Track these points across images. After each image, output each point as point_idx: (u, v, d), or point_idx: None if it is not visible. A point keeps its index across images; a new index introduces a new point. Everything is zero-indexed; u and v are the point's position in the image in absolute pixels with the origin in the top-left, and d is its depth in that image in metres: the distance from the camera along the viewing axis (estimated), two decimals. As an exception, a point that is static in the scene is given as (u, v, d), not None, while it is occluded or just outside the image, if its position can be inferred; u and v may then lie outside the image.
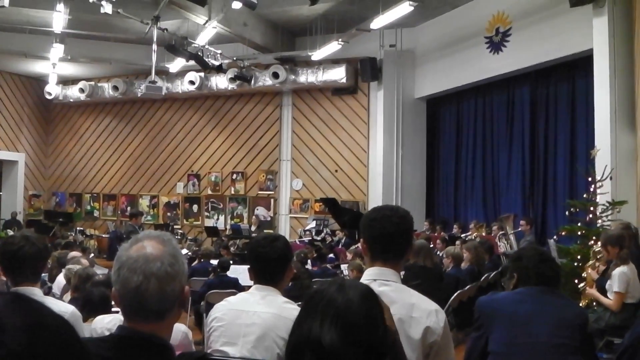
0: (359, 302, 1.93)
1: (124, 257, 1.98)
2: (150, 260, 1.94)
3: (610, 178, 9.32)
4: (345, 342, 1.84)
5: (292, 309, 3.24)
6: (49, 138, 23.59)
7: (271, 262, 3.41)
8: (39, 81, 22.14)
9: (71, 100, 21.86)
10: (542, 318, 3.53)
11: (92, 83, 21.14)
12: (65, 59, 17.56)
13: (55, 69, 18.34)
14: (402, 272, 7.95)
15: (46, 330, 1.21)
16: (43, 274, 7.30)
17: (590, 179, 9.37)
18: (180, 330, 3.62)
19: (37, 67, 20.32)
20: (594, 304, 6.87)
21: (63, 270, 7.13)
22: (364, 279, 2.89)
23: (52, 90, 21.09)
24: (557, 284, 3.79)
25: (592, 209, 9.08)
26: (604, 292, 6.61)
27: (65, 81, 21.43)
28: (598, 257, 7.19)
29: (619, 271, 6.38)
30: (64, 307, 3.70)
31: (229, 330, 3.29)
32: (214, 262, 10.39)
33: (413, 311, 2.76)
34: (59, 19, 14.15)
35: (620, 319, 6.28)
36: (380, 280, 2.84)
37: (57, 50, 16.00)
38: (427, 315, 2.76)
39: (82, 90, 21.12)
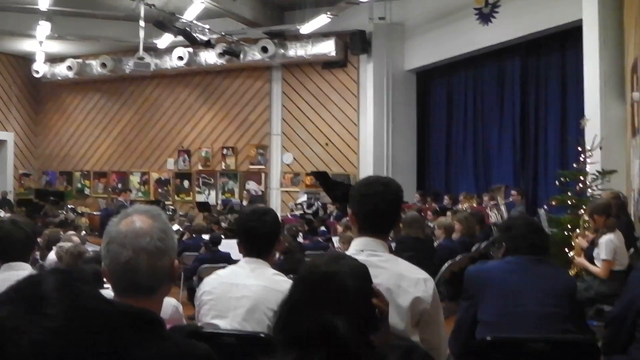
0: (356, 283, 1.97)
1: (113, 232, 1.98)
2: (139, 235, 1.95)
3: (600, 148, 9.33)
4: (352, 325, 1.86)
5: (282, 281, 3.25)
6: (38, 117, 23.48)
7: (260, 235, 3.41)
8: (27, 60, 21.94)
9: (59, 78, 21.74)
10: (532, 287, 3.54)
11: (80, 61, 21.00)
12: (53, 36, 17.42)
13: (43, 47, 18.22)
14: (393, 244, 8.02)
15: (88, 309, 1.39)
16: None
17: (580, 149, 9.39)
18: (170, 305, 3.63)
19: (24, 45, 20.16)
20: (584, 272, 6.92)
21: (54, 248, 7.12)
22: (352, 249, 2.90)
23: (40, 68, 20.92)
24: (546, 253, 3.80)
25: (582, 178, 9.11)
26: (592, 260, 6.65)
27: (53, 59, 21.25)
28: (586, 226, 7.23)
29: (605, 239, 6.43)
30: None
31: (219, 303, 3.30)
32: (206, 237, 10.40)
33: (401, 280, 2.77)
34: (44, -4, 14.04)
35: (609, 286, 6.32)
36: (368, 250, 2.86)
37: (44, 28, 15.86)
38: (415, 284, 2.77)
39: (70, 68, 20.99)
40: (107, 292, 3.46)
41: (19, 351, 1.28)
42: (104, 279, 2.06)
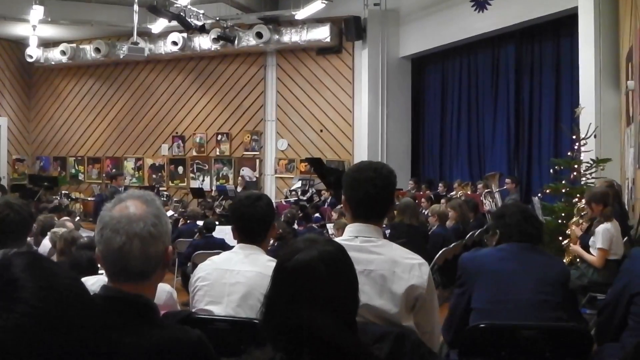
0: (330, 270, 1.89)
1: (106, 217, 1.98)
2: (133, 221, 1.94)
3: (595, 136, 9.35)
4: (334, 317, 1.83)
5: (276, 267, 3.25)
6: (31, 102, 23.37)
7: (254, 221, 3.41)
8: (20, 44, 21.82)
9: (53, 63, 21.62)
10: (525, 275, 3.55)
11: (74, 45, 20.89)
12: (46, 20, 17.31)
13: (36, 31, 18.14)
14: (388, 231, 8.03)
15: (59, 288, 1.36)
16: (28, 238, 7.29)
17: (574, 137, 9.39)
18: (164, 290, 3.63)
19: (17, 29, 20.02)
20: (578, 260, 6.93)
21: (48, 234, 7.11)
22: (345, 235, 2.89)
23: (33, 53, 20.81)
24: (539, 241, 3.81)
25: (576, 167, 9.11)
26: (587, 249, 6.66)
27: (46, 44, 21.16)
28: (582, 214, 7.24)
29: (602, 228, 6.43)
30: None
31: (213, 289, 3.30)
32: (200, 223, 10.40)
33: (396, 267, 2.76)
34: (38, -20, 13.97)
35: (603, 275, 6.33)
36: (362, 236, 2.85)
37: (37, 12, 15.80)
38: (409, 269, 2.76)
39: (63, 53, 20.89)
40: (102, 277, 3.46)
41: None
42: (98, 265, 2.06)
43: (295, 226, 11.10)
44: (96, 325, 1.41)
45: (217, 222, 10.09)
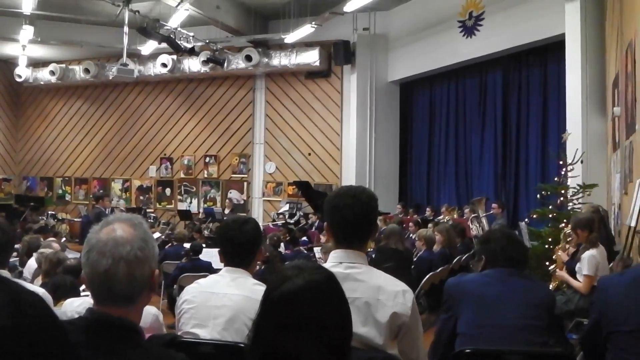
0: (317, 302, 1.86)
1: (93, 239, 1.97)
2: (120, 244, 1.93)
3: (581, 162, 9.40)
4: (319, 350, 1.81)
5: (262, 291, 3.23)
6: (19, 121, 23.33)
7: (241, 244, 3.40)
8: (9, 64, 21.86)
9: (42, 83, 21.62)
10: (510, 300, 3.56)
11: (63, 66, 20.90)
12: (35, 41, 17.33)
13: (25, 51, 18.15)
14: (373, 255, 8.02)
15: (25, 305, 1.31)
16: (13, 259, 7.26)
17: (561, 163, 9.44)
18: (150, 313, 3.62)
19: (7, 49, 20.06)
20: (564, 285, 6.94)
21: (34, 254, 7.07)
22: (330, 262, 2.88)
23: (22, 72, 20.83)
24: (524, 266, 3.82)
25: (562, 192, 9.15)
26: (573, 274, 6.68)
27: (35, 64, 21.17)
28: (568, 239, 7.26)
29: (588, 254, 6.44)
30: (34, 290, 3.68)
31: (199, 312, 3.29)
32: (187, 245, 10.35)
33: (380, 294, 2.75)
34: (28, 0, 13.97)
35: (589, 301, 6.33)
36: (346, 262, 2.84)
37: (27, 32, 15.80)
38: (394, 297, 2.75)
39: (52, 73, 20.89)
40: (87, 299, 3.45)
41: None
42: (81, 288, 2.06)
43: (282, 249, 11.08)
44: (64, 347, 1.40)
45: (204, 245, 10.04)
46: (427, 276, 8.31)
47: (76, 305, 3.68)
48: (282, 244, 11.30)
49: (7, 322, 1.26)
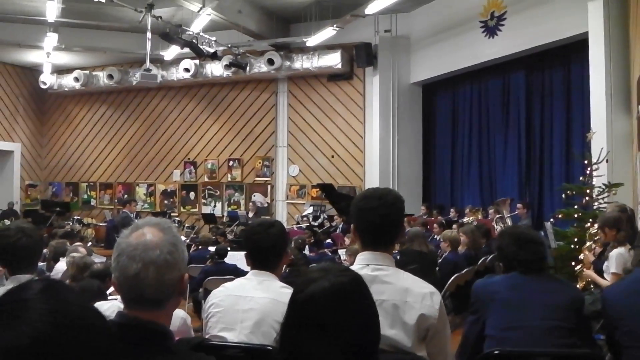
0: (342, 304, 1.86)
1: (123, 244, 1.99)
2: (149, 248, 1.95)
3: (607, 161, 9.32)
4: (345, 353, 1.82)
5: (289, 294, 3.24)
6: (44, 128, 23.54)
7: (267, 248, 3.42)
8: (34, 71, 22.08)
9: (66, 89, 21.80)
10: (537, 301, 3.55)
11: (87, 72, 21.07)
12: (60, 48, 17.53)
13: (50, 58, 18.30)
14: (398, 257, 8.02)
15: (70, 315, 1.33)
16: (41, 264, 7.32)
17: (586, 162, 9.37)
18: (179, 317, 3.63)
19: (32, 56, 20.26)
20: (592, 286, 6.89)
21: (64, 258, 7.11)
22: (357, 264, 2.89)
23: (47, 79, 21.04)
24: (540, 265, 3.77)
25: (588, 192, 9.09)
26: (600, 273, 6.62)
27: (59, 70, 21.36)
28: (595, 239, 7.20)
29: (616, 253, 6.38)
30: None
31: (226, 315, 3.31)
32: (212, 249, 10.39)
33: (407, 296, 2.76)
34: (52, 8, 14.16)
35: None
36: (373, 265, 2.85)
37: (51, 39, 15.97)
38: (421, 299, 2.76)
39: (76, 80, 21.06)
40: (116, 302, 3.48)
41: None
42: (108, 292, 2.07)
43: (307, 252, 11.08)
44: (108, 355, 1.40)
45: (228, 248, 10.07)
46: (452, 277, 8.28)
47: (105, 309, 3.69)
48: (306, 247, 11.30)
49: (46, 328, 1.27)
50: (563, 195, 9.71)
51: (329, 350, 1.80)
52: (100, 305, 3.91)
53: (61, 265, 7.27)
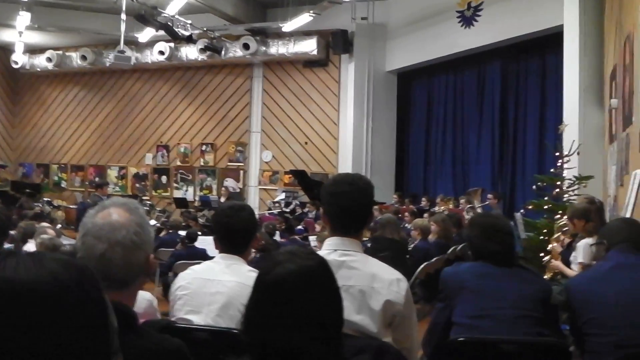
0: (309, 287, 1.85)
1: (89, 224, 1.97)
2: (115, 228, 1.94)
3: (578, 153, 9.39)
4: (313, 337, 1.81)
5: (256, 278, 3.25)
6: (15, 108, 23.27)
7: (236, 231, 3.40)
8: (5, 50, 21.75)
9: (38, 69, 21.59)
10: (505, 290, 3.56)
11: (60, 52, 20.85)
12: (33, 27, 17.25)
13: (22, 37, 18.03)
14: (369, 244, 8.03)
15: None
16: (8, 245, 7.24)
17: (558, 154, 9.44)
18: (145, 299, 3.61)
19: (4, 35, 19.97)
20: (559, 276, 6.94)
21: (35, 239, 7.05)
22: (324, 249, 2.89)
23: (19, 59, 20.72)
24: (508, 255, 3.77)
25: (558, 183, 9.15)
26: (568, 264, 6.67)
27: (32, 50, 21.08)
28: (564, 230, 7.25)
29: (583, 243, 6.42)
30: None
31: (193, 298, 3.29)
32: (183, 233, 10.36)
33: (374, 282, 2.76)
34: (26, -14, 13.95)
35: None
36: (341, 250, 2.84)
37: (24, 18, 15.73)
38: (388, 285, 2.76)
39: (49, 60, 20.84)
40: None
41: None
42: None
43: (278, 238, 11.08)
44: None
45: (199, 233, 10.05)
46: (422, 265, 8.32)
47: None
48: (277, 233, 11.30)
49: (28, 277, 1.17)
50: (534, 187, 9.78)
51: (293, 331, 1.79)
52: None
53: (29, 247, 7.21)
